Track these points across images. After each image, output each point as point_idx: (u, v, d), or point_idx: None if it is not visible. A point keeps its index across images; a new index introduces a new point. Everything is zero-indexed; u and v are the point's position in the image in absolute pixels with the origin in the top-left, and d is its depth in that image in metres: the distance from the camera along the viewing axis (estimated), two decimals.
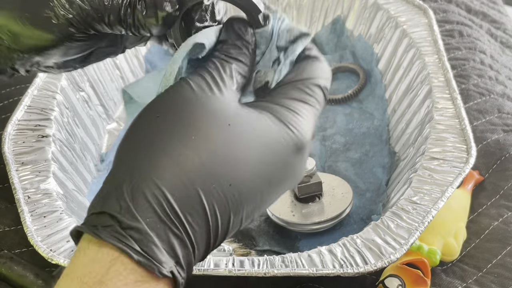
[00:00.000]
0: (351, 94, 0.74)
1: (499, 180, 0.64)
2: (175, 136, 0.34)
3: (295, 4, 0.85)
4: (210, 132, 0.34)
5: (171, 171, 0.33)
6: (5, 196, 0.62)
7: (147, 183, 0.33)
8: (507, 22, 0.88)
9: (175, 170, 0.33)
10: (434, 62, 0.67)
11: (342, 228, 0.60)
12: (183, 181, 0.33)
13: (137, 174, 0.33)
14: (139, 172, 0.33)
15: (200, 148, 0.34)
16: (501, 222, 0.60)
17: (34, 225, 0.52)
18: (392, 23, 0.75)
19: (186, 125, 0.34)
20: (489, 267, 0.56)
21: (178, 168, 0.33)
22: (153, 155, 0.34)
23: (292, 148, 0.36)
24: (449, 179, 0.54)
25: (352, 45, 0.80)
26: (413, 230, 0.51)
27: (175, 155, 0.33)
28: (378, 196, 0.63)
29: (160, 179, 0.33)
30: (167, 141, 0.34)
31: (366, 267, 0.48)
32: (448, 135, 0.59)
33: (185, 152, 0.34)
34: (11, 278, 0.54)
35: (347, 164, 0.67)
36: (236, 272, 0.48)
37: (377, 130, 0.70)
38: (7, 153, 0.58)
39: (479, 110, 0.71)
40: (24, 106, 0.63)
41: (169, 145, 0.34)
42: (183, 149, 0.34)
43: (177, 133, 0.34)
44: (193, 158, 0.33)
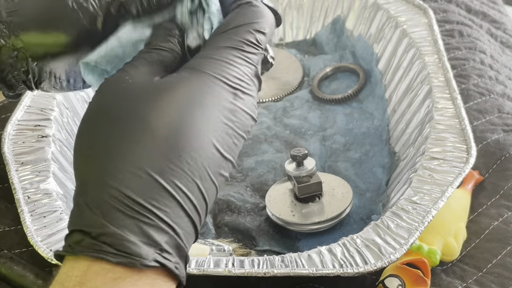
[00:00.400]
0: (351, 94, 0.74)
1: (499, 180, 0.64)
2: (113, 135, 0.35)
3: (295, 4, 0.85)
4: (142, 117, 0.34)
5: (121, 169, 0.34)
6: (5, 196, 0.62)
7: (103, 189, 0.33)
8: (507, 22, 0.88)
9: (124, 166, 0.34)
10: (434, 62, 0.67)
11: (342, 228, 0.60)
12: (135, 173, 0.33)
13: (92, 184, 0.34)
14: (93, 182, 0.34)
15: (139, 136, 0.34)
16: (501, 222, 0.60)
17: (34, 225, 0.52)
18: (392, 23, 0.75)
19: (120, 120, 0.35)
20: (489, 267, 0.56)
21: (126, 164, 0.34)
22: (100, 161, 0.34)
23: (227, 97, 0.36)
24: (449, 179, 0.54)
25: (352, 45, 0.80)
26: (413, 230, 0.51)
27: (118, 153, 0.34)
28: (378, 196, 0.63)
29: (114, 180, 0.33)
30: (107, 142, 0.35)
31: (366, 267, 0.48)
32: (448, 135, 0.59)
33: (127, 146, 0.34)
34: (11, 278, 0.54)
35: (347, 164, 0.67)
36: (236, 272, 0.48)
37: (377, 130, 0.70)
38: (7, 153, 0.58)
39: (479, 110, 0.71)
40: (24, 106, 0.63)
41: (111, 146, 0.34)
42: (124, 144, 0.34)
43: (113, 133, 0.35)
44: (135, 149, 0.34)
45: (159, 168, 0.34)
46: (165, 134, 0.34)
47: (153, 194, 0.33)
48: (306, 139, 0.70)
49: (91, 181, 0.34)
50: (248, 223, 0.61)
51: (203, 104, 0.35)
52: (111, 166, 0.34)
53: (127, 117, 0.35)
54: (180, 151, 0.34)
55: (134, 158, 0.34)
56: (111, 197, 0.33)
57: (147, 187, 0.33)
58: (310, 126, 0.72)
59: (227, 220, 0.61)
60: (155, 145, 0.34)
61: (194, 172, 0.34)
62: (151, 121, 0.34)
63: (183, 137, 0.34)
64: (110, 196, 0.33)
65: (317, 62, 0.80)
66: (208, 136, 0.35)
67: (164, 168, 0.34)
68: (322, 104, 0.75)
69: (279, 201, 0.61)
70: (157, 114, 0.34)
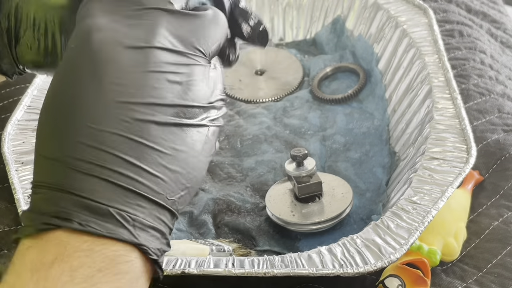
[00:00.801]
0: (351, 94, 0.74)
1: (499, 180, 0.64)
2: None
3: (295, 4, 0.85)
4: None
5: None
6: (5, 196, 0.62)
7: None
8: (507, 22, 0.88)
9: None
10: (434, 62, 0.67)
11: (342, 228, 0.60)
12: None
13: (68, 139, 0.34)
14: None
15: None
16: (501, 222, 0.60)
17: None
18: (392, 23, 0.75)
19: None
20: (489, 267, 0.56)
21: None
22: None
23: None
24: (449, 179, 0.54)
25: (352, 45, 0.80)
26: (413, 230, 0.51)
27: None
28: (378, 196, 0.63)
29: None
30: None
31: (366, 267, 0.48)
32: (448, 135, 0.59)
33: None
34: None
35: (347, 164, 0.66)
36: (236, 272, 0.48)
37: (377, 130, 0.70)
38: (7, 153, 0.58)
39: (479, 110, 0.71)
40: (24, 106, 0.63)
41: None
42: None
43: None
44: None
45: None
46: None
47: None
48: (306, 139, 0.70)
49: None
50: (248, 223, 0.61)
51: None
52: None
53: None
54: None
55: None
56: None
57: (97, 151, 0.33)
58: (310, 126, 0.72)
59: (227, 220, 0.61)
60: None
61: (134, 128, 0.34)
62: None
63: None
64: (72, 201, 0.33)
65: (317, 62, 0.80)
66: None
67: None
68: (322, 104, 0.75)
69: (279, 201, 0.61)
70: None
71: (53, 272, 0.31)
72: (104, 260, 0.32)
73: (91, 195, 0.33)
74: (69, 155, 0.33)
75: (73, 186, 0.33)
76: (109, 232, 0.32)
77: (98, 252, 0.32)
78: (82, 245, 0.32)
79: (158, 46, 0.35)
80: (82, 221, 0.32)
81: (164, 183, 0.35)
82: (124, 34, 0.35)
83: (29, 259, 0.32)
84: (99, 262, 0.32)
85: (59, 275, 0.31)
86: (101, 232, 0.32)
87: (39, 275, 0.31)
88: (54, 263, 0.32)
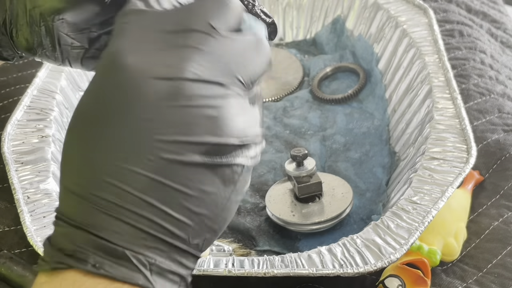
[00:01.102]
0: (351, 94, 0.74)
1: (499, 180, 0.64)
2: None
3: (295, 4, 0.85)
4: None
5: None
6: (4, 196, 0.62)
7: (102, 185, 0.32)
8: (507, 22, 0.88)
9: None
10: (434, 62, 0.67)
11: (342, 228, 0.60)
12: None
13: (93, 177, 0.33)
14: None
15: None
16: (501, 222, 0.60)
17: (33, 225, 0.52)
18: (392, 22, 0.74)
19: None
20: (489, 267, 0.56)
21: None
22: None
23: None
24: (449, 179, 0.54)
25: (352, 45, 0.80)
26: (413, 230, 0.50)
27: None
28: (378, 196, 0.63)
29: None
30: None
31: (366, 267, 0.48)
32: (448, 135, 0.59)
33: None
34: (10, 278, 0.54)
35: (347, 164, 0.66)
36: (236, 272, 0.48)
37: (377, 130, 0.70)
38: (7, 153, 0.58)
39: (479, 110, 0.71)
40: (24, 106, 0.63)
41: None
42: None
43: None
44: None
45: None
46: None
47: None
48: (306, 139, 0.70)
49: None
50: (248, 223, 0.61)
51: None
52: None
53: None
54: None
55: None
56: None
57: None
58: (310, 126, 0.72)
59: None
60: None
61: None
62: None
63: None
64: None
65: (317, 62, 0.80)
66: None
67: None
68: (322, 104, 0.75)
69: (279, 201, 0.61)
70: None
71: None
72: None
73: (109, 236, 0.31)
74: (92, 192, 0.32)
75: (91, 225, 0.31)
76: (123, 277, 0.31)
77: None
78: (97, 286, 0.31)
79: (190, 78, 0.32)
80: (96, 263, 0.31)
81: (187, 227, 0.32)
82: (155, 61, 0.32)
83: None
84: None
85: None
86: (115, 276, 0.31)
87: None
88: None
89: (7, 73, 0.79)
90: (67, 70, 0.67)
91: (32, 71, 0.79)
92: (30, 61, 0.81)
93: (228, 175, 0.33)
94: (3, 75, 0.79)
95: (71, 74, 0.67)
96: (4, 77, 0.79)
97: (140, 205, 0.31)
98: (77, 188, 0.32)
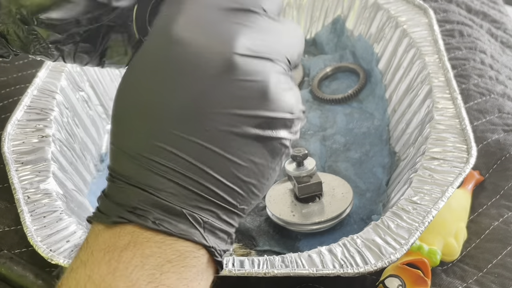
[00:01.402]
0: (351, 94, 0.74)
1: (499, 180, 0.64)
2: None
3: (295, 4, 0.85)
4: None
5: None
6: (5, 196, 0.62)
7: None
8: (507, 22, 0.88)
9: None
10: (434, 62, 0.67)
11: (342, 228, 0.60)
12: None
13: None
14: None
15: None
16: (502, 222, 0.60)
17: (34, 225, 0.52)
18: (392, 23, 0.74)
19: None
20: (490, 267, 0.56)
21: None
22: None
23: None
24: (449, 179, 0.54)
25: (352, 45, 0.80)
26: (413, 230, 0.50)
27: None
28: (378, 196, 0.63)
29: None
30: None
31: (366, 267, 0.48)
32: (449, 135, 0.59)
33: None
34: (11, 278, 0.54)
35: (347, 164, 0.66)
36: (236, 272, 0.48)
37: (377, 130, 0.70)
38: (7, 153, 0.58)
39: (479, 110, 0.71)
40: (24, 106, 0.63)
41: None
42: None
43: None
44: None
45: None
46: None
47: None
48: (306, 139, 0.70)
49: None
50: (248, 223, 0.61)
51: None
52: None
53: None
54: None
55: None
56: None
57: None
58: (310, 126, 0.72)
59: None
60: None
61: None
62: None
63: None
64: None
65: (317, 62, 0.80)
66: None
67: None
68: (322, 104, 0.75)
69: (279, 201, 0.61)
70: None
71: (125, 255, 0.32)
72: (174, 253, 0.33)
73: (166, 197, 0.33)
74: (149, 157, 0.33)
75: (148, 185, 0.33)
76: (181, 233, 0.33)
77: (169, 245, 0.33)
78: (155, 237, 0.33)
79: (244, 53, 0.33)
80: (156, 220, 0.33)
81: (237, 194, 0.35)
82: (209, 36, 0.33)
83: (103, 240, 0.33)
84: (170, 254, 0.33)
85: (130, 258, 0.32)
86: (174, 232, 0.33)
87: (112, 255, 0.33)
88: (127, 247, 0.33)
89: (7, 73, 0.79)
90: (67, 70, 0.67)
91: (32, 71, 0.79)
92: (30, 61, 0.81)
93: (276, 148, 0.35)
94: (3, 75, 0.79)
95: (71, 74, 0.67)
96: (4, 77, 0.79)
97: (195, 171, 0.33)
98: (132, 150, 0.34)
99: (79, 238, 0.51)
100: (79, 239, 0.51)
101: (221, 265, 0.36)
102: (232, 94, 0.33)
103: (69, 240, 0.51)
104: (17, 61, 0.81)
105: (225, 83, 0.33)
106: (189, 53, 0.33)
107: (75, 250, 0.49)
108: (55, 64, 0.67)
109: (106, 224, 0.34)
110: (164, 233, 0.33)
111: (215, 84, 0.33)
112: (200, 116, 0.33)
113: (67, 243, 0.51)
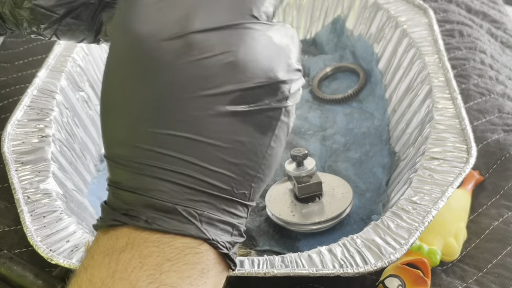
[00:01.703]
0: (351, 94, 0.74)
1: (499, 180, 0.64)
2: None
3: (295, 4, 0.85)
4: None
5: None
6: (4, 196, 0.62)
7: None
8: (507, 22, 0.88)
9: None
10: (434, 62, 0.67)
11: (342, 228, 0.60)
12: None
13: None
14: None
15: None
16: (502, 222, 0.60)
17: (33, 225, 0.52)
18: (392, 23, 0.74)
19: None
20: (489, 267, 0.56)
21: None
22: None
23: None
24: (449, 179, 0.54)
25: (352, 45, 0.80)
26: (413, 230, 0.50)
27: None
28: (378, 196, 0.63)
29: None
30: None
31: (366, 267, 0.48)
32: (448, 135, 0.59)
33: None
34: (10, 278, 0.54)
35: (347, 164, 0.66)
36: (236, 272, 0.48)
37: (377, 130, 0.70)
38: (7, 153, 0.58)
39: (479, 110, 0.71)
40: (24, 106, 0.63)
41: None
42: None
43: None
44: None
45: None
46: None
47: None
48: (306, 139, 0.70)
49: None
50: (248, 223, 0.61)
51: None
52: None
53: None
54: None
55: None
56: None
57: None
58: (310, 126, 0.72)
59: None
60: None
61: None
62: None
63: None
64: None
65: (317, 62, 0.80)
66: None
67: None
68: (322, 104, 0.75)
69: (279, 201, 0.61)
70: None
71: (123, 257, 0.32)
72: (173, 251, 0.33)
73: (157, 195, 0.33)
74: (133, 160, 0.33)
75: (140, 188, 0.33)
76: (175, 229, 0.33)
77: (167, 243, 0.33)
78: (151, 237, 0.33)
79: (198, 29, 0.31)
80: (148, 219, 0.33)
81: (228, 178, 0.33)
82: (162, 23, 0.32)
83: (102, 244, 0.34)
84: (169, 253, 0.32)
85: (129, 260, 0.32)
86: (168, 229, 0.33)
87: (111, 258, 0.32)
88: (125, 249, 0.32)
89: (7, 73, 0.79)
90: (67, 70, 0.67)
91: (32, 71, 0.79)
92: (30, 61, 0.81)
93: (261, 121, 0.33)
94: (3, 75, 0.79)
95: (71, 74, 0.67)
96: (4, 77, 0.79)
97: (179, 163, 0.32)
98: (118, 157, 0.34)
99: (79, 238, 0.51)
100: (79, 239, 0.51)
101: (232, 261, 0.35)
102: (194, 76, 0.31)
103: (69, 240, 0.51)
104: (17, 61, 0.81)
105: (185, 66, 0.31)
106: (145, 47, 0.32)
107: (75, 251, 0.49)
108: (55, 64, 0.67)
109: (104, 229, 0.34)
110: (159, 231, 0.33)
111: (176, 71, 0.31)
112: (170, 108, 0.32)
113: (67, 243, 0.51)
